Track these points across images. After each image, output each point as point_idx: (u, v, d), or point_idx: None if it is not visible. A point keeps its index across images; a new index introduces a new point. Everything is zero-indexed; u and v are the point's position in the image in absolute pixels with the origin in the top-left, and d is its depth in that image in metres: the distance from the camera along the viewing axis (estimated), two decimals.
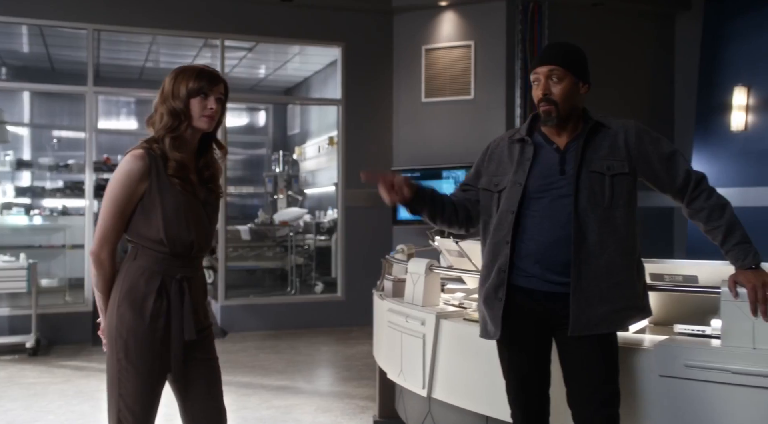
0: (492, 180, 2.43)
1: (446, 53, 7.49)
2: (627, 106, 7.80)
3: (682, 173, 2.37)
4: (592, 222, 2.27)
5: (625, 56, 7.80)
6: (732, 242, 2.31)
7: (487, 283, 2.35)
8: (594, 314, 2.24)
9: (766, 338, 2.25)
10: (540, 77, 2.35)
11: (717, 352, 2.31)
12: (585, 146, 2.33)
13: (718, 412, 2.30)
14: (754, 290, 2.24)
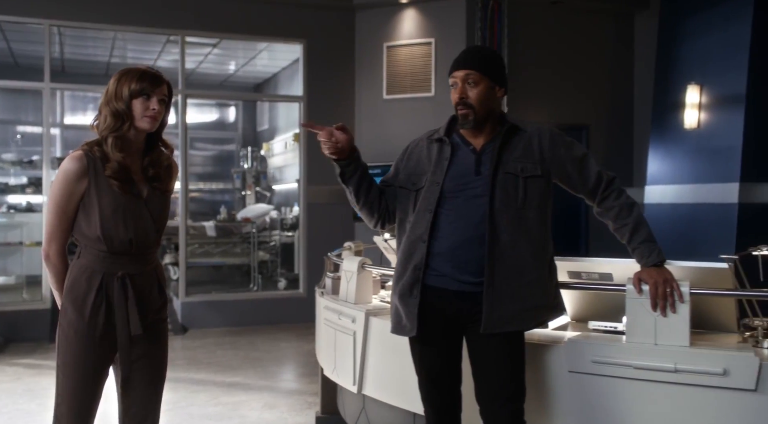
0: (410, 179, 2.47)
1: (407, 50, 7.53)
2: (587, 103, 7.90)
3: (594, 175, 2.44)
4: (505, 222, 2.32)
5: (586, 54, 7.89)
6: (638, 241, 2.38)
7: (402, 280, 2.40)
8: (506, 312, 2.29)
9: (667, 334, 2.33)
10: (457, 81, 2.39)
11: (621, 348, 2.38)
12: (501, 148, 2.38)
13: (622, 406, 2.36)
14: (655, 286, 2.32)
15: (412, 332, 2.36)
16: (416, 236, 2.38)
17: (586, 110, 7.90)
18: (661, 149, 7.13)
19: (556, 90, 7.76)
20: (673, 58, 7.08)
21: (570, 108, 7.85)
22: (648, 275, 2.34)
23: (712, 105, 6.62)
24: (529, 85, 7.55)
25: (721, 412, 2.24)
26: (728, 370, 2.22)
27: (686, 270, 2.52)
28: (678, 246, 6.71)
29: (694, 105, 6.71)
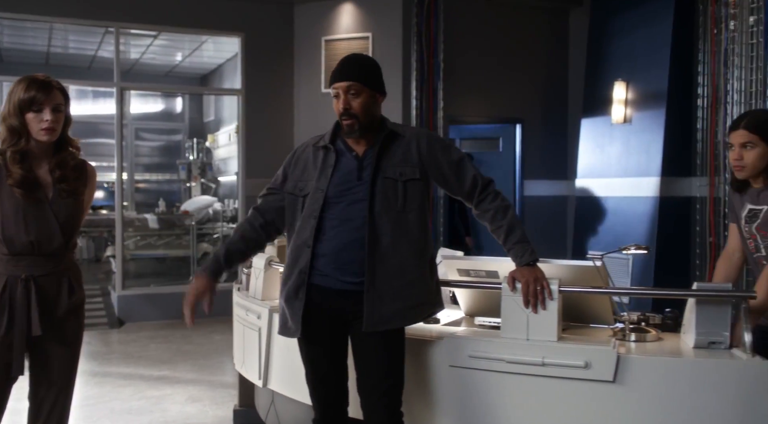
0: (297, 185, 2.56)
1: (345, 44, 7.59)
2: (522, 98, 8.06)
3: (470, 178, 2.56)
4: (386, 225, 2.42)
5: (521, 49, 8.04)
6: (512, 241, 2.50)
7: (288, 283, 2.49)
8: (387, 311, 2.40)
9: (538, 329, 2.46)
10: (339, 92, 2.48)
11: (496, 343, 2.51)
12: (380, 154, 2.48)
13: (497, 398, 2.50)
14: (527, 285, 2.45)
15: (296, 333, 2.46)
16: (301, 241, 2.47)
17: (520, 104, 8.07)
18: (590, 143, 7.33)
19: (491, 84, 7.90)
20: (603, 55, 7.28)
21: (505, 102, 8.01)
22: (521, 274, 2.48)
23: (637, 101, 6.83)
24: (464, 80, 7.68)
25: (583, 402, 2.39)
26: (590, 363, 2.37)
27: (560, 268, 2.66)
28: (606, 238, 6.94)
29: (620, 101, 6.91)
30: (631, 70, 6.88)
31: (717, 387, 2.29)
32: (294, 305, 2.46)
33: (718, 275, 2.82)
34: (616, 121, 6.94)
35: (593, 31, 7.48)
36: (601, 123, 7.16)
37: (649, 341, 2.59)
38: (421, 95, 7.43)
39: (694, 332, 2.44)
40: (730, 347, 2.41)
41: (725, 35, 6.16)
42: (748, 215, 2.71)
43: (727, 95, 6.16)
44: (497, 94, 7.97)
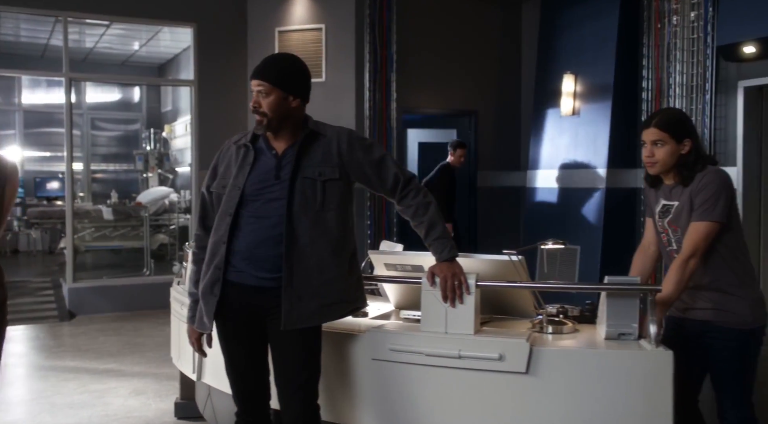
0: (221, 182, 2.59)
1: (298, 36, 7.59)
2: (475, 89, 8.14)
3: (392, 176, 2.60)
4: (304, 224, 2.46)
5: (475, 41, 8.11)
6: (433, 237, 2.56)
7: (205, 279, 2.52)
8: (305, 309, 2.44)
9: (456, 323, 2.53)
10: (253, 89, 2.52)
11: (416, 336, 2.57)
12: (300, 153, 2.52)
13: (416, 390, 2.56)
14: (445, 280, 2.51)
15: (210, 328, 2.50)
16: (218, 237, 2.50)
17: (474, 96, 8.14)
18: (541, 135, 7.43)
19: (445, 76, 7.96)
20: (552, 48, 7.37)
21: (459, 94, 8.08)
22: (440, 269, 2.54)
23: (585, 94, 6.94)
24: (418, 72, 7.74)
25: (498, 393, 2.46)
26: (504, 355, 2.44)
27: (481, 262, 2.73)
28: (557, 228, 7.06)
29: (569, 93, 7.02)
30: (579, 63, 6.99)
31: (624, 377, 2.38)
32: (209, 300, 2.50)
33: (635, 268, 2.91)
34: (565, 114, 7.05)
35: (543, 25, 7.57)
36: (551, 115, 7.27)
37: (565, 333, 2.67)
38: (375, 87, 7.47)
39: (605, 323, 2.52)
40: (640, 338, 2.50)
41: (668, 30, 6.29)
42: (661, 210, 2.80)
43: (670, 89, 6.30)
44: (451, 85, 8.03)
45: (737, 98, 5.84)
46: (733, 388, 2.69)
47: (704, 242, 2.61)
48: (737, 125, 5.86)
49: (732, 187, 2.71)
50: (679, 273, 2.61)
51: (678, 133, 2.68)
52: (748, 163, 5.85)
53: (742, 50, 5.57)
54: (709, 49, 5.92)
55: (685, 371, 2.78)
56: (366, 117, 7.40)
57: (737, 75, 5.84)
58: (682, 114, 2.84)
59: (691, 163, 2.67)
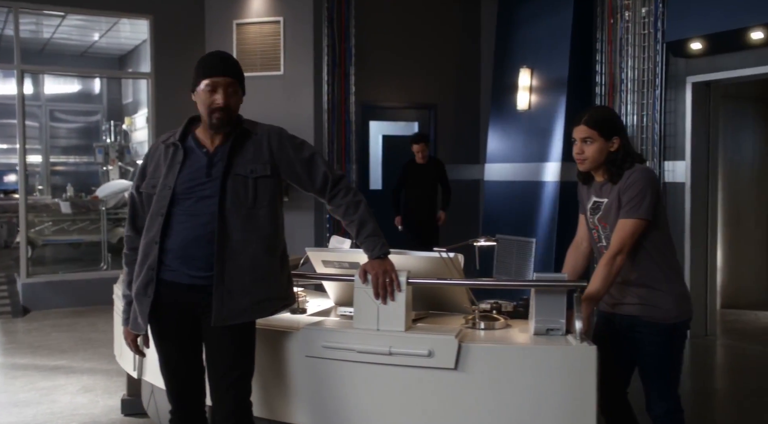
0: (150, 182, 2.56)
1: (256, 29, 7.55)
2: (435, 84, 8.17)
3: (321, 175, 2.62)
4: (236, 221, 2.47)
5: (435, 36, 8.13)
6: (364, 235, 2.58)
7: (138, 280, 2.52)
8: (237, 306, 2.46)
9: (387, 320, 2.56)
10: (219, 87, 2.47)
11: (348, 333, 2.60)
12: (232, 151, 2.52)
13: (348, 387, 2.59)
14: (377, 277, 2.54)
15: (144, 329, 2.51)
16: (150, 238, 2.49)
17: (434, 90, 8.18)
18: (498, 129, 7.49)
19: (405, 70, 7.98)
20: (509, 43, 7.42)
21: (419, 88, 8.10)
22: (371, 266, 2.56)
23: (541, 88, 7.01)
24: (378, 65, 7.75)
25: (427, 389, 2.50)
26: (433, 351, 2.47)
27: (416, 260, 2.76)
28: (513, 221, 7.14)
29: (525, 88, 7.08)
30: (535, 58, 7.05)
31: (549, 372, 2.43)
32: (143, 301, 2.50)
33: (567, 264, 2.97)
34: (521, 108, 7.11)
35: (500, 19, 7.62)
36: (508, 109, 7.33)
37: (497, 329, 2.71)
38: (333, 80, 7.47)
39: (533, 319, 2.57)
40: (568, 333, 2.55)
41: (620, 25, 6.37)
42: (592, 207, 2.86)
43: (622, 83, 6.39)
44: (411, 79, 8.05)
45: (685, 93, 5.94)
46: (660, 380, 2.76)
47: (631, 239, 2.67)
48: (686, 120, 5.96)
49: (658, 185, 2.77)
50: (606, 269, 2.66)
51: (606, 130, 2.73)
52: (696, 157, 5.96)
53: (690, 46, 5.66)
54: (659, 44, 6.01)
55: (615, 365, 2.85)
56: (324, 110, 7.40)
57: (686, 70, 5.93)
58: (611, 112, 2.89)
59: (619, 161, 2.73)
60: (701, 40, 5.58)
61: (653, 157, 6.14)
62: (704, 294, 6.04)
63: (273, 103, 7.45)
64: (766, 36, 5.15)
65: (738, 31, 5.25)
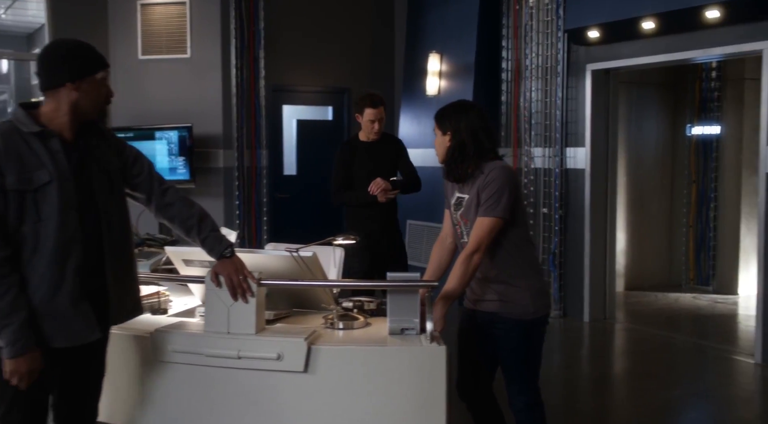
0: (21, 178, 2.21)
1: (162, 9, 7.30)
2: (348, 67, 8.05)
3: (146, 171, 2.47)
4: (115, 217, 2.37)
5: (348, 20, 8.00)
6: (205, 233, 2.47)
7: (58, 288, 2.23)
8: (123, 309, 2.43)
9: (239, 323, 2.50)
10: (105, 77, 2.37)
11: (198, 337, 2.53)
12: (91, 145, 2.35)
13: (198, 392, 2.53)
14: (230, 278, 2.46)
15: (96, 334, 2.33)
16: (68, 236, 2.22)
17: (347, 74, 8.07)
18: (410, 114, 7.47)
19: (318, 54, 7.85)
20: (419, 27, 7.39)
21: (332, 72, 7.99)
22: (222, 268, 2.48)
23: (450, 73, 7.00)
24: (289, 49, 7.60)
25: (277, 393, 2.46)
26: (282, 354, 2.43)
27: (268, 259, 2.71)
28: (425, 208, 7.15)
29: (435, 73, 7.07)
30: (444, 43, 7.03)
31: (399, 372, 2.42)
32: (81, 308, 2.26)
33: (432, 260, 2.96)
34: (431, 93, 7.09)
35: (412, 3, 7.57)
36: (419, 94, 7.31)
37: (356, 328, 2.69)
38: (242, 63, 7.29)
39: (388, 319, 2.55)
40: (423, 332, 2.54)
41: (525, 12, 6.40)
42: (455, 203, 2.84)
43: (527, 70, 6.43)
44: (324, 63, 7.93)
45: (585, 81, 6.01)
46: (519, 375, 2.79)
47: (488, 238, 2.67)
48: (586, 107, 6.04)
49: (516, 183, 2.77)
50: (463, 267, 2.66)
51: (442, 125, 2.73)
52: (595, 143, 6.06)
53: (588, 35, 5.72)
54: (560, 32, 6.06)
55: (478, 360, 2.87)
56: (233, 94, 7.23)
57: (586, 58, 6.00)
58: (455, 106, 2.82)
59: (456, 158, 2.71)
60: (598, 29, 5.64)
61: (555, 143, 6.22)
62: (603, 278, 6.17)
63: (179, 86, 7.25)
64: (657, 26, 5.24)
65: (631, 20, 5.32)
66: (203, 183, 7.01)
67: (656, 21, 5.20)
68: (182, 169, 6.87)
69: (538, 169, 6.38)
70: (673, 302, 6.99)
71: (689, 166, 7.56)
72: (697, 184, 7.50)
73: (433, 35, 7.17)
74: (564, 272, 6.25)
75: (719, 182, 7.35)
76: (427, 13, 7.29)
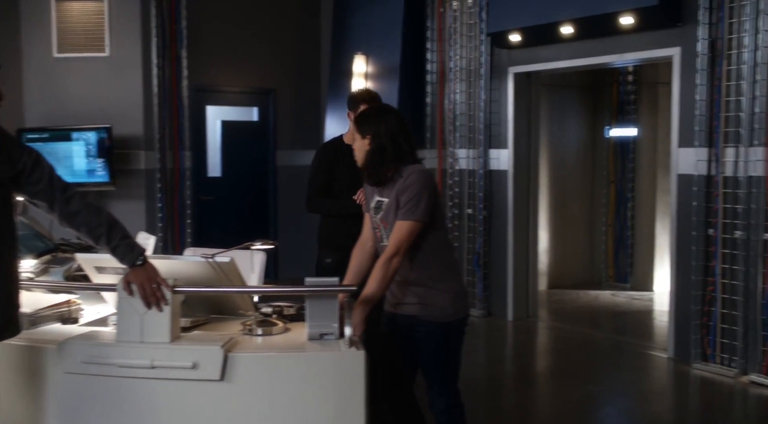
0: None
1: (78, 6, 7.05)
2: (274, 68, 7.99)
3: (47, 178, 2.36)
4: None
5: (273, 19, 7.93)
6: (115, 241, 2.39)
7: None
8: None
9: (152, 332, 2.43)
10: None
11: (110, 347, 2.44)
12: None
13: (111, 404, 2.43)
14: (142, 286, 2.39)
15: None
16: None
17: (273, 75, 8.00)
18: (336, 115, 7.44)
19: (242, 54, 7.74)
20: (345, 28, 7.38)
21: (257, 72, 7.90)
22: (134, 276, 2.40)
23: (376, 75, 7.01)
24: (213, 48, 7.48)
25: (193, 402, 2.40)
26: (197, 363, 2.37)
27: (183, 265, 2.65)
28: None
29: (361, 74, 7.06)
30: (370, 44, 7.04)
31: (318, 378, 2.40)
32: None
33: (352, 264, 2.94)
34: None
35: (337, 4, 7.55)
36: (345, 95, 7.24)
37: (274, 334, 2.65)
38: (164, 63, 7.12)
39: (307, 324, 2.53)
40: (341, 337, 2.52)
41: (449, 14, 6.47)
42: (375, 206, 2.84)
43: (451, 72, 6.50)
44: (249, 63, 7.84)
45: (508, 84, 6.12)
46: (439, 377, 2.81)
47: (407, 241, 2.68)
48: (508, 109, 6.15)
49: (434, 187, 2.79)
50: (383, 271, 2.66)
51: (361, 129, 2.73)
52: (518, 145, 6.18)
53: (510, 38, 5.82)
54: (483, 35, 6.15)
55: (399, 363, 2.87)
56: (155, 94, 7.05)
57: (508, 61, 6.11)
58: (375, 110, 2.85)
59: (376, 162, 2.72)
60: (520, 33, 5.75)
61: (479, 145, 6.31)
62: (526, 277, 6.30)
63: (98, 86, 7.02)
64: (575, 31, 5.38)
65: (551, 25, 5.45)
66: (124, 185, 6.82)
67: (574, 26, 5.34)
68: (101, 171, 6.66)
69: (463, 170, 6.46)
70: (594, 300, 7.20)
71: (608, 167, 7.81)
72: (616, 184, 7.75)
73: (359, 37, 7.17)
74: (488, 271, 6.35)
75: (636, 183, 7.61)
76: (352, 14, 7.29)
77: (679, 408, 4.48)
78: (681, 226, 5.04)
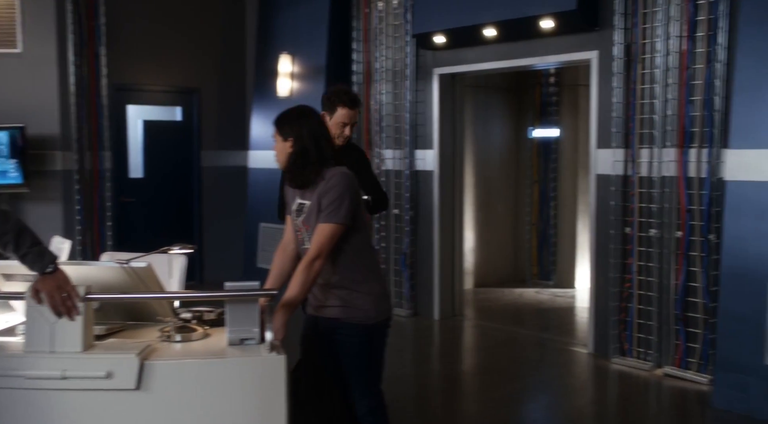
0: None
1: None
2: (198, 67, 7.83)
3: None
4: None
5: (197, 18, 7.78)
6: (24, 249, 2.30)
7: None
8: None
9: (64, 341, 2.33)
10: None
11: (17, 358, 2.34)
12: None
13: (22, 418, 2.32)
14: (51, 295, 2.29)
15: None
16: None
17: (197, 74, 7.84)
18: (262, 115, 7.36)
19: (164, 52, 7.57)
20: (271, 27, 7.30)
21: (180, 71, 7.73)
22: (43, 284, 2.31)
23: (302, 75, 6.96)
24: (134, 46, 7.29)
25: (107, 413, 2.32)
26: (112, 372, 2.29)
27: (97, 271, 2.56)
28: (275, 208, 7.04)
29: (287, 74, 7.00)
30: (295, 44, 6.98)
31: (239, 384, 2.35)
32: None
33: (274, 267, 2.90)
34: (283, 94, 7.02)
35: (262, 3, 7.46)
36: (271, 95, 7.21)
37: (194, 340, 2.59)
38: (81, 61, 6.88)
39: (228, 329, 2.48)
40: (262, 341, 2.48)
41: (375, 15, 6.47)
42: (296, 209, 2.81)
43: (377, 73, 6.51)
44: (172, 61, 7.66)
45: (433, 85, 6.17)
46: (362, 380, 2.81)
47: (329, 244, 2.66)
48: (433, 110, 6.20)
49: (357, 189, 2.78)
50: (304, 274, 2.64)
51: (282, 131, 2.71)
52: (443, 145, 6.24)
53: (434, 40, 5.87)
54: (408, 36, 6.18)
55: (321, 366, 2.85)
56: (71, 93, 6.81)
57: (433, 62, 6.16)
58: (295, 112, 2.82)
59: (299, 165, 2.71)
60: (444, 34, 5.80)
61: (405, 145, 6.34)
62: (452, 276, 6.37)
63: (10, 83, 6.72)
64: (497, 33, 5.47)
65: (474, 27, 5.52)
66: (38, 187, 6.56)
67: (497, 29, 5.43)
68: (14, 172, 6.39)
69: (389, 171, 6.48)
70: (518, 297, 7.34)
71: (532, 167, 7.98)
72: (539, 184, 7.93)
73: (285, 36, 7.10)
74: (414, 271, 6.39)
75: (558, 182, 7.80)
76: (278, 13, 7.21)
77: (599, 401, 4.62)
78: (600, 225, 5.20)
